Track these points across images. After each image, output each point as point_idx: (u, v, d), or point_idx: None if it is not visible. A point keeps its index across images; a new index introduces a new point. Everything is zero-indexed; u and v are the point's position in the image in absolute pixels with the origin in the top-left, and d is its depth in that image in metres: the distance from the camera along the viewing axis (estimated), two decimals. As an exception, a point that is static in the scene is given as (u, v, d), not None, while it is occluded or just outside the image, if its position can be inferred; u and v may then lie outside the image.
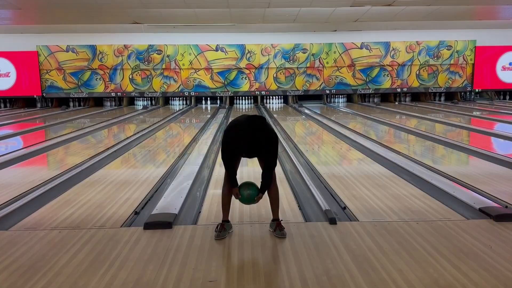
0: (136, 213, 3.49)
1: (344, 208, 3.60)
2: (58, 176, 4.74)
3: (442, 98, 15.95)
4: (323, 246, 2.76)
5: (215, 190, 4.07)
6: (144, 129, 8.82)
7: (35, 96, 14.92)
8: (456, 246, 2.75)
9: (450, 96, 15.82)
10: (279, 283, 2.31)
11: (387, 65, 15.26)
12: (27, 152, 6.31)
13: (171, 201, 3.64)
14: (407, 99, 16.00)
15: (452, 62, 15.24)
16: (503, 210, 3.35)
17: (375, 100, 15.80)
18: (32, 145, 7.03)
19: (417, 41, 15.11)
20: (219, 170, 4.95)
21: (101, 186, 4.36)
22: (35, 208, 3.61)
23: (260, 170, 2.96)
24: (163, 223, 3.07)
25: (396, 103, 15.46)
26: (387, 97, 15.97)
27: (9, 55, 14.64)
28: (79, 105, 15.55)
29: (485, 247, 2.72)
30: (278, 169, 4.96)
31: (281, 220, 3.04)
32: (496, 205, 3.50)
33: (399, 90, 15.55)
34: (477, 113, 11.82)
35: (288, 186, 4.28)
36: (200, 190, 4.13)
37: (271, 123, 9.76)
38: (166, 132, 8.89)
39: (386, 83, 15.47)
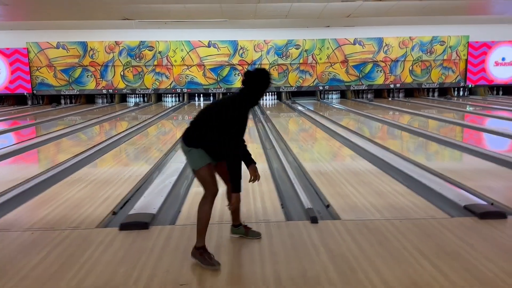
0: (114, 213, 3.40)
1: (328, 206, 3.53)
2: (40, 174, 4.65)
3: (436, 94, 15.90)
4: (302, 246, 2.69)
5: (198, 188, 3.98)
6: (134, 126, 8.72)
7: (25, 94, 14.76)
8: (439, 245, 2.69)
9: (444, 91, 15.77)
10: (252, 286, 2.24)
11: (380, 61, 15.19)
12: (13, 149, 6.21)
13: (150, 200, 3.55)
14: (401, 95, 15.94)
15: (445, 57, 15.19)
16: (488, 207, 3.29)
17: (368, 96, 15.74)
18: (19, 142, 6.93)
19: (410, 37, 15.04)
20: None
21: (82, 184, 4.27)
22: (12, 208, 3.52)
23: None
24: (139, 224, 2.99)
25: (390, 99, 15.40)
26: (380, 93, 15.90)
27: (-2, 52, 14.46)
28: (71, 103, 15.39)
29: (468, 246, 2.66)
30: (264, 167, 4.92)
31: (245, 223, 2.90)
32: (482, 202, 3.44)
33: (392, 86, 15.49)
34: (470, 108, 11.78)
35: (273, 184, 4.20)
36: (183, 189, 4.04)
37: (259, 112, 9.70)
38: (155, 129, 8.79)
39: (379, 79, 15.40)
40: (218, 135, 2.50)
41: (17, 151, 6.19)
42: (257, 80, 2.56)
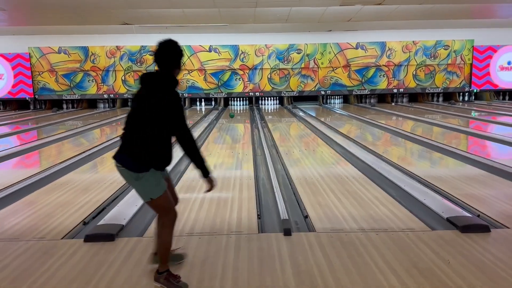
0: (84, 223, 3.31)
1: (306, 217, 3.41)
2: (22, 180, 4.59)
3: (440, 99, 15.68)
4: (269, 261, 2.57)
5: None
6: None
7: (27, 98, 14.83)
8: (412, 260, 2.55)
9: (448, 96, 15.55)
10: (208, 304, 2.13)
11: (383, 65, 15.01)
12: (3, 154, 6.18)
13: (123, 210, 3.46)
14: (404, 100, 15.75)
15: (449, 62, 14.97)
16: (471, 220, 3.14)
17: (371, 101, 15.57)
18: (9, 148, 6.89)
19: (413, 41, 14.85)
20: (188, 176, 4.78)
21: (61, 192, 4.20)
22: (-18, 217, 3.45)
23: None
24: (105, 235, 2.89)
25: (393, 104, 15.21)
26: (384, 98, 15.73)
27: (1, 57, 14.56)
28: (73, 107, 15.44)
29: (443, 263, 2.52)
30: (250, 174, 4.81)
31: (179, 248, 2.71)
32: (466, 214, 3.30)
33: (395, 90, 15.30)
34: (474, 114, 11.56)
35: (254, 192, 4.09)
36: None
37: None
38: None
39: (382, 84, 15.22)
40: (170, 134, 2.26)
41: (7, 156, 6.17)
42: (168, 54, 2.36)
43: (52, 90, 14.85)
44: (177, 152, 2.50)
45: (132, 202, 3.70)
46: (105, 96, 15.11)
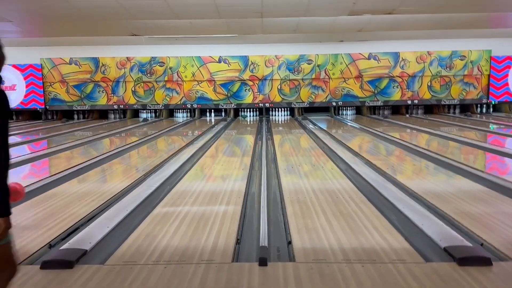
0: (50, 246, 3.09)
1: (289, 242, 3.11)
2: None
3: (457, 111, 15.15)
4: (234, 297, 2.30)
5: (153, 218, 3.66)
6: (128, 144, 8.53)
7: (38, 109, 14.93)
8: (398, 300, 2.24)
9: (465, 108, 15.01)
10: None
11: (397, 76, 14.62)
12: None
13: (92, 232, 3.24)
14: (419, 111, 15.28)
15: (466, 73, 14.47)
16: (471, 251, 2.79)
17: (384, 112, 15.16)
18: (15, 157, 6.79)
19: (428, 51, 14.43)
20: (177, 189, 4.54)
21: (40, 208, 4.01)
22: None
23: None
24: (63, 262, 2.66)
25: (407, 115, 14.77)
26: (398, 110, 15.30)
27: (14, 68, 14.73)
28: (83, 118, 15.50)
29: (434, 303, 2.19)
30: (240, 190, 4.54)
31: None
32: (467, 243, 2.95)
33: (409, 102, 14.86)
34: (493, 127, 11.06)
35: (240, 212, 3.82)
36: (136, 220, 3.69)
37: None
38: (150, 146, 8.57)
39: (396, 95, 14.81)
40: None
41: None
42: None
43: (63, 100, 14.93)
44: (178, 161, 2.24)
45: (106, 222, 3.48)
46: (115, 106, 15.10)
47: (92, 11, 9.42)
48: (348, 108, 15.25)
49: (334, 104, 14.86)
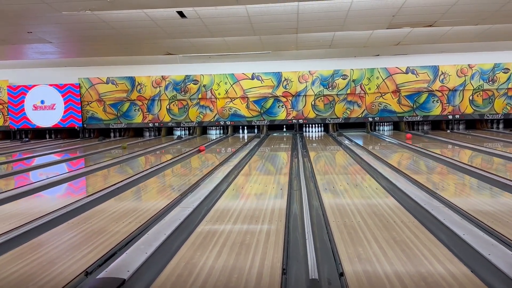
0: (87, 273, 2.94)
1: (341, 274, 2.83)
2: (35, 219, 4.35)
3: (501, 126, 14.41)
4: None
5: (192, 243, 3.47)
6: (163, 162, 8.47)
7: (76, 128, 15.29)
8: None
9: (510, 123, 14.26)
10: None
11: (436, 90, 14.10)
12: (41, 184, 6.10)
13: (131, 258, 3.07)
14: (461, 126, 14.64)
15: (510, 86, 13.79)
16: (556, 288, 2.44)
17: (424, 128, 14.61)
18: (50, 177, 6.84)
19: (469, 64, 13.87)
20: (219, 206, 4.35)
21: (76, 231, 3.90)
22: (-16, 261, 3.18)
23: None
24: (101, 293, 2.49)
25: (448, 131, 14.16)
26: (438, 125, 14.73)
27: (53, 88, 15.19)
28: (120, 136, 15.75)
29: None
30: (281, 213, 4.30)
31: None
32: (548, 278, 2.59)
33: (450, 117, 14.26)
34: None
35: (283, 238, 3.57)
36: (176, 244, 3.51)
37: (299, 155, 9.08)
38: (185, 165, 8.47)
39: (435, 110, 14.27)
40: None
41: (45, 186, 6.08)
42: None
43: (100, 119, 15.24)
44: (213, 177, 2.05)
45: (144, 248, 3.31)
46: (150, 125, 15.28)
47: (129, 32, 9.56)
48: (385, 124, 14.80)
49: (370, 119, 14.47)
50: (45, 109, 15.22)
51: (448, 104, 14.18)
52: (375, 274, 2.81)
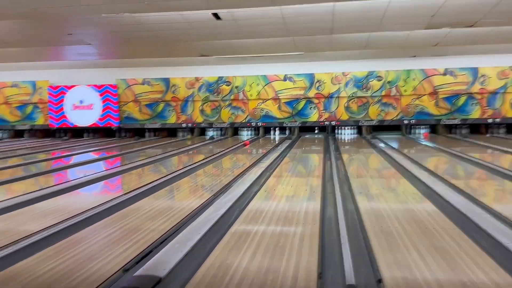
0: (125, 270, 2.99)
1: (379, 281, 2.75)
2: (73, 216, 4.47)
3: (545, 130, 13.73)
4: None
5: (226, 243, 3.47)
6: (196, 162, 8.55)
7: (112, 127, 15.71)
8: None
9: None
10: None
11: (476, 93, 13.60)
12: (83, 181, 6.29)
13: (167, 256, 3.10)
14: (501, 131, 14.04)
15: (555, 88, 13.13)
16: None
17: (463, 131, 14.11)
18: (88, 175, 7.04)
19: (510, 67, 13.30)
20: (253, 206, 4.34)
21: (114, 228, 3.99)
22: (24, 256, 3.29)
23: None
24: (138, 290, 2.53)
25: (488, 135, 13.63)
26: (478, 128, 14.20)
27: (92, 88, 15.67)
28: (154, 135, 16.07)
29: None
30: (315, 217, 4.24)
31: None
32: None
33: (490, 120, 13.72)
34: None
35: (318, 242, 3.51)
36: (211, 242, 3.53)
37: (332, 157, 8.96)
38: (217, 165, 8.52)
39: (475, 113, 13.77)
40: None
41: (86, 183, 6.26)
42: None
43: (135, 119, 15.59)
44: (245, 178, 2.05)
45: (180, 246, 3.34)
46: (183, 125, 15.50)
47: (165, 33, 9.74)
48: (422, 127, 14.40)
49: (406, 122, 14.12)
50: (84, 109, 15.72)
51: (488, 107, 13.65)
52: (415, 281, 2.71)
